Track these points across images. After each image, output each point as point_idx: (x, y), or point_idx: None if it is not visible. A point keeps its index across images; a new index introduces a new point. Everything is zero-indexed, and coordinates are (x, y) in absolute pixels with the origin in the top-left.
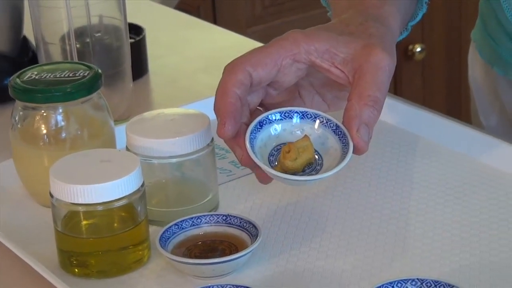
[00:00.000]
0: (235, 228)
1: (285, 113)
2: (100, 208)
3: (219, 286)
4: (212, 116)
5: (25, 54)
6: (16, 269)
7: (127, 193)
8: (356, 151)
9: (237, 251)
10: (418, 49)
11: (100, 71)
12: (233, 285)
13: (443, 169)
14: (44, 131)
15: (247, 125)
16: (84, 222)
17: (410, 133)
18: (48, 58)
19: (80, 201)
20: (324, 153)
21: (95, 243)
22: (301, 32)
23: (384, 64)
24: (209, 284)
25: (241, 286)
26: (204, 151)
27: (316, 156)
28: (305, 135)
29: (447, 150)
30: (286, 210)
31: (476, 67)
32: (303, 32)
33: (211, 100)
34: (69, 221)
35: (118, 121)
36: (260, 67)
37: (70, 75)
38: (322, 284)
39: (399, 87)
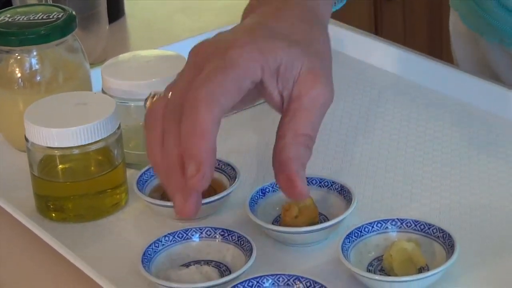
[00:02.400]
0: (214, 170)
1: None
2: (76, 151)
3: (197, 228)
4: None
5: None
6: None
7: (103, 136)
8: (299, 195)
9: (215, 193)
10: None
11: (74, 13)
12: (211, 227)
13: (423, 109)
14: (19, 75)
15: None
16: (60, 166)
17: (390, 73)
18: (22, 1)
19: (55, 145)
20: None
21: (71, 187)
22: (256, 47)
23: (323, 100)
24: (187, 227)
25: (220, 228)
26: None
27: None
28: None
29: (428, 90)
30: (265, 152)
31: (459, 38)
32: (258, 48)
33: (188, 42)
34: (45, 165)
35: (94, 64)
36: (229, 96)
37: (44, 17)
38: None
39: (379, 27)
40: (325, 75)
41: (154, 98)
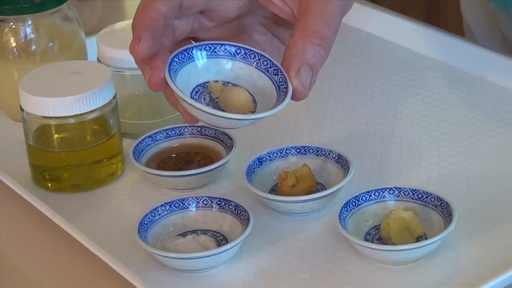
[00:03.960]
0: (210, 139)
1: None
2: (71, 121)
3: (194, 198)
4: None
5: None
6: None
7: (99, 106)
8: (294, 96)
9: (212, 162)
10: None
11: None
12: (208, 197)
13: (420, 77)
14: (14, 44)
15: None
16: (56, 136)
17: (387, 41)
18: None
19: (51, 114)
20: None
21: (67, 157)
22: None
23: None
24: (184, 197)
25: (216, 197)
26: None
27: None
28: (304, 164)
29: (425, 58)
30: (262, 121)
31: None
32: None
33: None
34: (40, 135)
35: (90, 33)
36: None
37: None
38: None
39: None
40: None
41: None
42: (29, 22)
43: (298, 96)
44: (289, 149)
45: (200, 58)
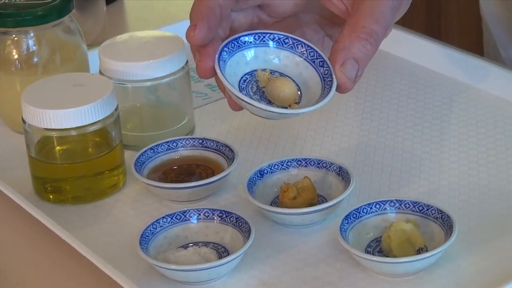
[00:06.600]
0: (211, 151)
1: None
2: (73, 133)
3: (195, 210)
4: None
5: None
6: None
7: (101, 118)
8: (338, 88)
9: (213, 174)
10: None
11: None
12: (209, 209)
13: (421, 89)
14: (16, 56)
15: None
16: (58, 148)
17: (389, 53)
18: None
19: (53, 126)
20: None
21: (69, 168)
22: None
23: None
24: (186, 208)
25: (218, 209)
26: (179, 74)
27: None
28: (305, 176)
29: (427, 70)
30: (263, 133)
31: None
32: None
33: (185, 23)
34: (42, 147)
35: (92, 45)
36: None
37: None
38: None
39: None
40: None
41: None
42: (31, 34)
43: (342, 88)
44: (290, 161)
45: (249, 46)
